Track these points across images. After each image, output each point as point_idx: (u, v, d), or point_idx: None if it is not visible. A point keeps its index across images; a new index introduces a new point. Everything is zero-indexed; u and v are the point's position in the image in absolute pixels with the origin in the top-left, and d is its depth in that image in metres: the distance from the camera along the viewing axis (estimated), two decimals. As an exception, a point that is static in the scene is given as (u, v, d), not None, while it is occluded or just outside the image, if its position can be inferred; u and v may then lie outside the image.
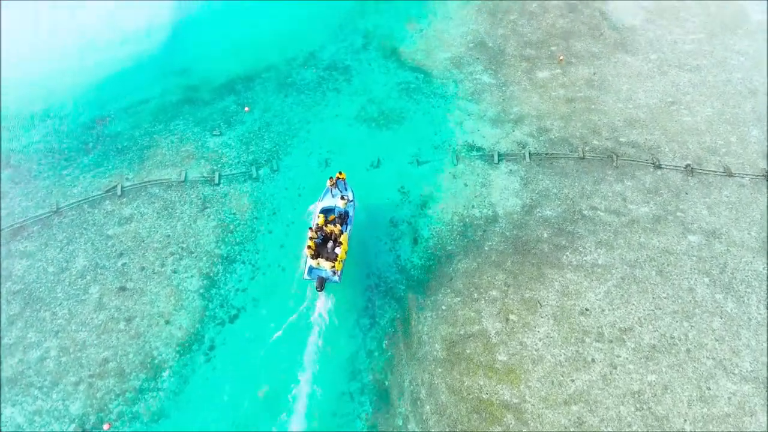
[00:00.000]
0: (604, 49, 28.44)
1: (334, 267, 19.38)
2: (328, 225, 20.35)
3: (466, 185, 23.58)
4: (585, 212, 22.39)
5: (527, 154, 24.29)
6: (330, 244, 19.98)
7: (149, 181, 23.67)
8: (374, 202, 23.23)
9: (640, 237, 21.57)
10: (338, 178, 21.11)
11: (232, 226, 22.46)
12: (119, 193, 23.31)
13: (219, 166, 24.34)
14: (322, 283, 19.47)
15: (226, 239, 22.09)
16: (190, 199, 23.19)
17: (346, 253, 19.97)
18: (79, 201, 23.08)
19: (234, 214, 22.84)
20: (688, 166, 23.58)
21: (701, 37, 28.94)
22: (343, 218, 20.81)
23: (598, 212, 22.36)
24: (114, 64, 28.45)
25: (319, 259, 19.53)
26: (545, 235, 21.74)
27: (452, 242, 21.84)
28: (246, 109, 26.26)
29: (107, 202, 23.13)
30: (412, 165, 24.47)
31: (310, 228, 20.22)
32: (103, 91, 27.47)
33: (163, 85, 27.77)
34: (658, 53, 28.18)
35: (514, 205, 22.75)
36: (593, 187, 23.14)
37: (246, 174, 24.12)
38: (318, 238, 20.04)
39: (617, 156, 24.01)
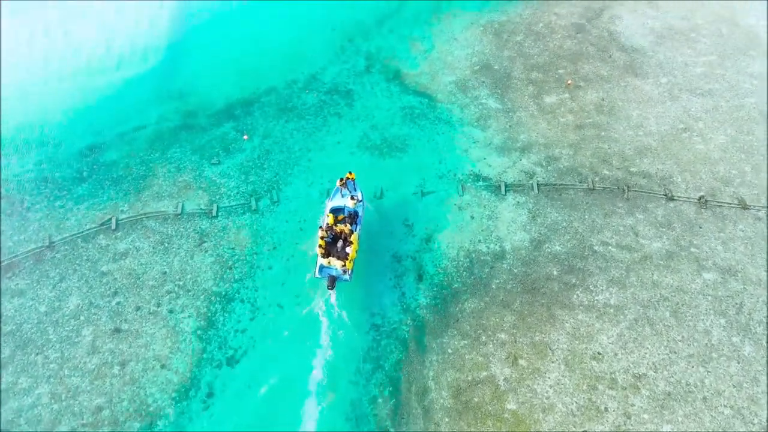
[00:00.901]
0: (613, 72, 27.68)
1: (344, 266, 19.58)
2: (338, 225, 20.56)
3: (472, 218, 22.83)
4: (596, 248, 21.64)
5: (535, 185, 23.54)
6: (340, 243, 20.23)
7: (145, 214, 22.93)
8: (378, 235, 22.49)
9: (653, 274, 20.82)
10: (348, 178, 21.23)
11: (230, 262, 21.72)
12: (114, 226, 22.57)
13: (217, 197, 23.60)
14: (333, 282, 19.76)
15: (225, 276, 21.35)
16: (187, 233, 22.45)
17: (356, 252, 20.13)
18: (73, 235, 22.35)
19: (232, 249, 22.09)
20: (701, 198, 22.82)
21: (712, 59, 28.19)
22: (353, 218, 20.90)
23: (610, 248, 21.61)
24: (110, 89, 27.74)
25: (330, 257, 19.70)
26: (555, 273, 20.99)
27: (458, 280, 21.09)
28: (245, 137, 25.53)
29: (101, 236, 22.39)
30: (416, 196, 23.72)
31: (321, 227, 20.32)
32: (98, 116, 26.73)
33: (160, 110, 27.04)
34: (668, 76, 27.42)
35: (522, 240, 22.00)
36: (604, 221, 22.39)
37: (245, 206, 23.38)
38: (328, 237, 20.19)
39: (628, 187, 23.25)
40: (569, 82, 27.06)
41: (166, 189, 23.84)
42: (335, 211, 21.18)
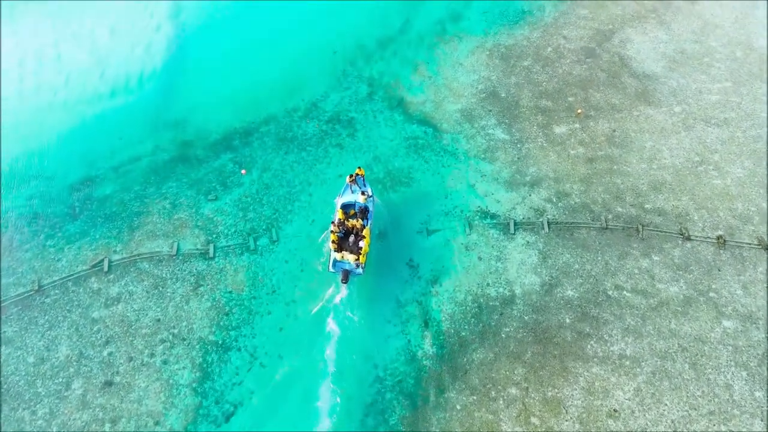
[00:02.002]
0: (624, 101, 26.68)
1: (358, 260, 19.88)
2: (350, 220, 20.82)
3: (480, 259, 21.86)
4: (610, 292, 20.67)
5: (545, 223, 22.57)
6: (352, 238, 20.64)
7: (139, 255, 21.99)
8: (381, 276, 21.55)
9: (670, 323, 19.85)
10: (357, 174, 21.84)
11: (227, 308, 20.78)
12: (106, 268, 21.63)
13: (214, 236, 22.65)
14: (346, 276, 20.12)
15: (222, 323, 20.41)
16: (182, 275, 21.50)
17: (369, 246, 20.47)
18: (63, 278, 21.41)
19: (230, 292, 21.15)
20: (720, 237, 21.85)
21: (727, 85, 27.19)
22: (364, 213, 21.29)
23: (624, 293, 20.63)
24: (104, 117, 26.77)
25: (342, 252, 20.00)
26: (567, 321, 20.02)
27: (466, 327, 20.13)
28: (243, 171, 24.56)
29: (93, 279, 21.45)
30: (421, 234, 22.77)
31: (333, 223, 20.56)
32: (92, 147, 25.76)
33: (156, 140, 26.08)
34: (682, 105, 26.42)
35: (532, 284, 21.03)
36: (618, 263, 21.42)
37: (243, 245, 22.43)
38: (340, 232, 20.53)
39: (643, 226, 22.27)
40: (579, 111, 26.08)
41: (161, 227, 22.90)
42: (346, 206, 21.58)
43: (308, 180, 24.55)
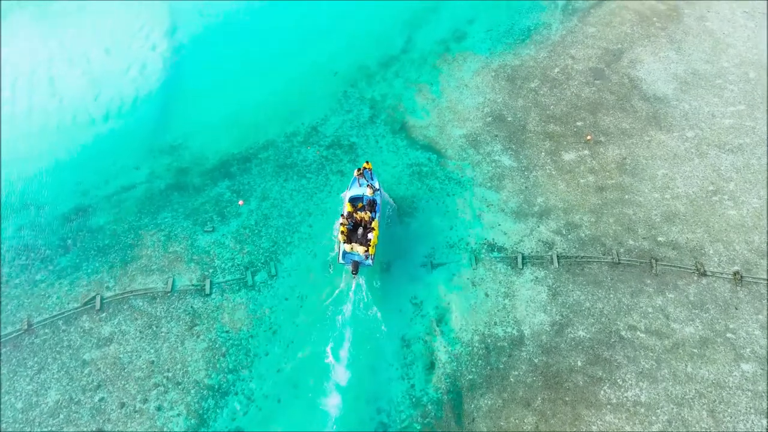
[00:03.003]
0: (635, 125, 25.82)
1: (367, 251, 20.15)
2: (358, 212, 21.15)
3: (487, 296, 21.03)
4: (623, 333, 19.82)
5: (555, 258, 21.73)
6: (360, 230, 21.02)
7: (132, 292, 21.16)
8: (385, 313, 20.70)
9: (686, 366, 19.01)
10: (365, 168, 22.05)
11: (224, 348, 19.95)
12: (98, 306, 20.80)
13: (210, 271, 21.81)
14: (356, 267, 20.40)
15: (218, 365, 19.58)
16: (177, 314, 20.67)
17: (377, 238, 20.76)
18: (54, 316, 20.59)
19: (227, 332, 20.32)
20: (736, 273, 21.00)
21: (741, 109, 26.33)
22: (372, 206, 21.50)
23: (638, 333, 19.79)
24: (97, 142, 25.93)
25: (352, 244, 20.30)
26: (579, 364, 19.18)
27: (473, 370, 19.29)
28: (240, 203, 23.71)
29: (85, 317, 20.62)
30: (425, 268, 21.93)
31: (342, 215, 20.95)
32: (85, 174, 24.91)
33: (151, 166, 25.25)
34: (695, 129, 25.57)
35: (542, 323, 20.19)
36: (631, 301, 20.57)
37: (240, 281, 21.60)
38: (349, 224, 20.88)
39: (656, 261, 21.43)
40: (589, 137, 25.23)
41: (156, 261, 22.07)
42: (354, 200, 21.90)
43: (308, 210, 23.72)
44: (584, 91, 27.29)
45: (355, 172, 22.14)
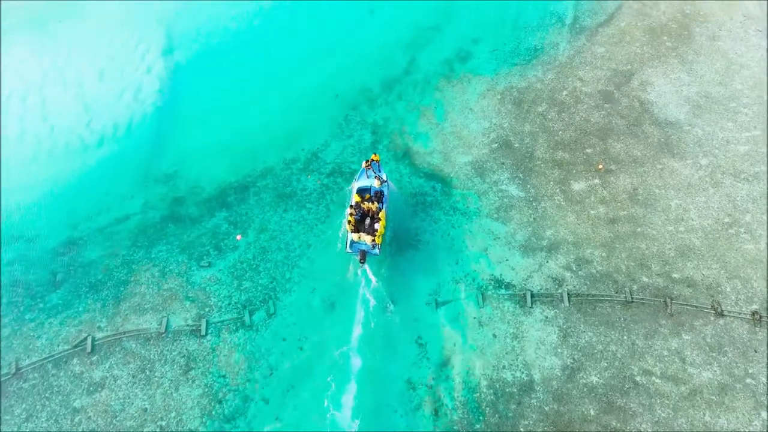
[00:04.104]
0: (647, 152, 24.92)
1: (374, 240, 20.59)
2: (366, 203, 21.56)
3: (494, 336, 20.16)
4: (637, 378, 18.95)
5: (565, 296, 20.85)
6: (368, 220, 21.55)
7: (124, 333, 20.32)
8: (389, 356, 19.88)
9: (704, 415, 18.14)
10: (373, 160, 22.35)
11: (221, 394, 19.10)
12: (89, 348, 19.96)
13: (206, 309, 20.96)
14: (363, 256, 20.81)
15: (214, 412, 18.73)
16: (171, 357, 19.82)
17: (384, 228, 21.35)
18: (43, 359, 19.75)
19: (223, 376, 19.47)
20: (755, 313, 20.12)
21: (757, 134, 25.41)
22: (379, 197, 22.15)
23: (653, 378, 18.92)
24: (90, 170, 25.07)
25: (359, 233, 20.69)
26: (592, 413, 18.31)
27: (481, 418, 18.43)
28: (239, 237, 22.85)
29: (75, 360, 19.78)
30: (429, 306, 21.08)
31: (350, 206, 21.42)
32: (77, 204, 24.05)
33: (145, 196, 24.39)
34: (708, 157, 24.66)
35: (552, 367, 19.32)
36: (645, 343, 19.69)
37: (238, 320, 20.75)
38: (357, 215, 21.37)
39: (671, 299, 20.55)
40: (600, 166, 24.32)
41: (150, 299, 21.22)
42: (362, 191, 22.39)
43: (308, 242, 22.86)
44: (593, 116, 26.39)
45: (364, 164, 22.37)
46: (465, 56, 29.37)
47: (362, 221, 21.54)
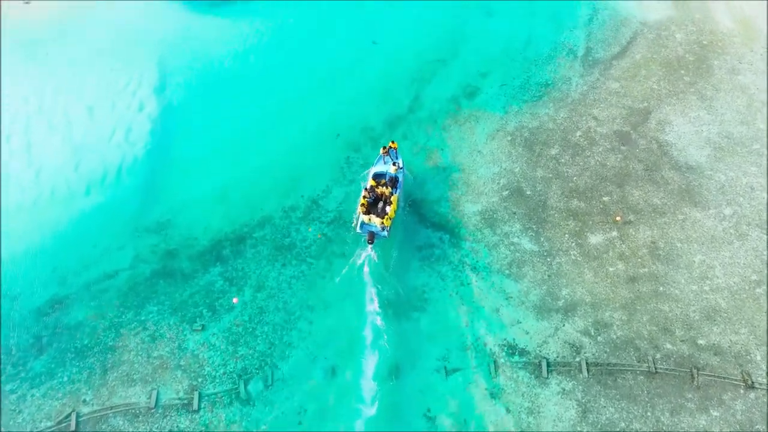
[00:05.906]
0: (667, 200, 23.52)
1: (383, 223, 21.41)
2: (380, 187, 22.29)
3: (508, 411, 18.79)
4: (663, 462, 17.59)
5: (584, 365, 19.47)
6: (380, 204, 22.33)
7: (111, 408, 18.94)
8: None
9: (738, 505, 16.77)
10: (390, 147, 23.11)
11: (214, 478, 17.77)
12: (73, 426, 18.58)
13: (199, 380, 19.59)
14: (372, 237, 21.59)
15: (207, 500, 17.40)
16: (161, 435, 18.47)
17: (394, 212, 22.16)
18: (24, 439, 18.40)
19: (217, 458, 18.14)
20: (789, 386, 18.74)
21: (783, 180, 24.02)
22: (393, 182, 22.73)
23: (681, 462, 17.55)
24: (77, 221, 23.67)
25: (370, 215, 21.52)
26: (615, 503, 16.96)
27: (495, 507, 17.08)
28: (234, 300, 21.45)
29: (58, 439, 18.44)
30: (438, 374, 19.73)
31: (365, 188, 22.35)
32: (63, 258, 22.67)
33: (135, 247, 23.03)
34: (732, 206, 23.27)
35: (571, 448, 17.97)
36: (671, 420, 18.31)
37: (232, 392, 19.37)
38: (370, 198, 22.15)
39: (698, 370, 19.16)
40: (618, 217, 22.93)
41: (138, 368, 19.84)
42: (378, 176, 23.11)
43: (308, 302, 21.49)
44: (610, 159, 24.99)
45: (381, 150, 23.21)
46: (472, 92, 27.99)
47: (375, 204, 22.34)
